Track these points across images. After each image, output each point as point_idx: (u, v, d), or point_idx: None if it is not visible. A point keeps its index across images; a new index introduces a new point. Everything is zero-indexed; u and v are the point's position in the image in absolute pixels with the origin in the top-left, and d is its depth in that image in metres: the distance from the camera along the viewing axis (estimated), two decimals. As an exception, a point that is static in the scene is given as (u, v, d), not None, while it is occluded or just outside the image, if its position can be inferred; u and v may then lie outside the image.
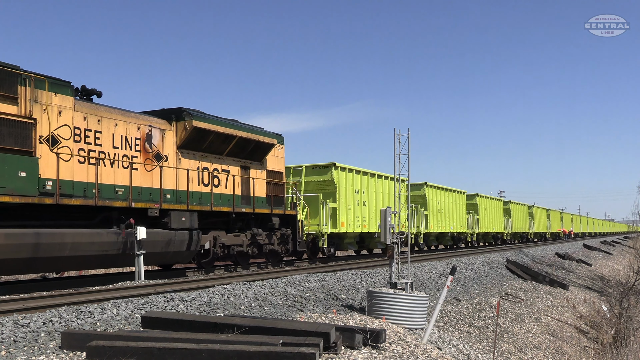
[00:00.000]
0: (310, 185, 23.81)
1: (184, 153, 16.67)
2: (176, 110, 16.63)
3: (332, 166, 23.58)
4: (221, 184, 17.86)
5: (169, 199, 15.88)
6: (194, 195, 16.73)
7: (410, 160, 13.02)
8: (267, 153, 19.83)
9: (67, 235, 12.83)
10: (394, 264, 12.72)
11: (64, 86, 13.41)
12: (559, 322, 20.36)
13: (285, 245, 20.26)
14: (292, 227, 20.52)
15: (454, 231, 36.08)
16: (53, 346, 7.25)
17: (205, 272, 17.55)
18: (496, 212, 45.69)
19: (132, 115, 15.47)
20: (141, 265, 14.37)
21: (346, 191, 24.12)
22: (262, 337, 7.05)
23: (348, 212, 24.11)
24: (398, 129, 13.01)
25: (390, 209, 12.91)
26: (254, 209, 18.76)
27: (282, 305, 11.61)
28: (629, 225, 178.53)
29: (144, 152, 15.46)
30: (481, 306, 17.41)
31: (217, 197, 17.54)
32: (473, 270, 22.80)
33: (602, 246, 61.57)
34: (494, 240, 45.72)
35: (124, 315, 9.06)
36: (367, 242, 27.47)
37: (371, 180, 26.46)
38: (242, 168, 18.84)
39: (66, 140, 13.36)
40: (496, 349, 14.07)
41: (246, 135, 18.47)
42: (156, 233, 15.04)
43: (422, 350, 9.65)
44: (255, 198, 19.02)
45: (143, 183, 15.30)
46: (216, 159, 17.79)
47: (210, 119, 17.19)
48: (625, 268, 39.77)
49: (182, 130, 16.44)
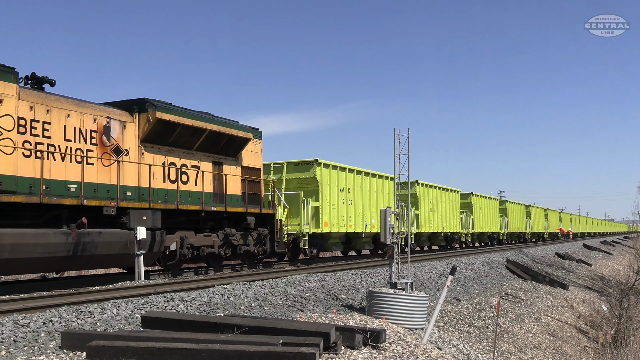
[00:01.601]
0: (293, 182, 22.70)
1: (148, 147, 15.53)
2: (139, 101, 15.41)
3: (315, 163, 22.44)
4: (190, 181, 16.72)
5: (130, 196, 14.85)
6: (159, 192, 15.65)
7: (410, 160, 13.02)
8: (242, 148, 18.70)
9: (6, 236, 11.68)
10: (394, 264, 12.72)
11: (5, 72, 12.27)
12: (559, 322, 20.35)
13: (263, 246, 19.15)
14: (270, 227, 19.42)
15: (447, 231, 35.02)
16: (53, 346, 7.25)
17: (172, 275, 16.50)
18: (492, 211, 44.76)
19: (88, 105, 14.29)
20: (141, 265, 14.37)
21: (330, 189, 23.04)
22: (262, 337, 7.05)
23: (332, 211, 23.05)
24: (398, 129, 13.02)
25: (390, 209, 12.92)
26: (227, 207, 17.57)
27: (282, 305, 11.61)
28: (629, 225, 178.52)
29: (101, 145, 14.30)
30: (481, 306, 17.40)
31: (186, 195, 16.47)
32: (473, 270, 22.79)
33: (602, 246, 61.59)
34: (490, 240, 44.84)
35: (124, 315, 9.06)
36: (354, 243, 26.49)
37: (357, 178, 25.35)
38: (214, 164, 17.75)
39: (8, 132, 12.20)
40: (496, 349, 14.06)
41: (218, 128, 17.26)
42: (112, 233, 13.92)
43: (422, 350, 9.65)
44: (229, 196, 17.93)
45: (100, 179, 14.18)
46: (185, 154, 16.67)
47: (177, 110, 16.09)
48: (625, 268, 39.79)
49: (145, 123, 15.25)
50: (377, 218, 25.80)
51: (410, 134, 12.97)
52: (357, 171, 25.32)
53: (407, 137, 13.01)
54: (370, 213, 25.92)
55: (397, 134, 13.00)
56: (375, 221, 26.02)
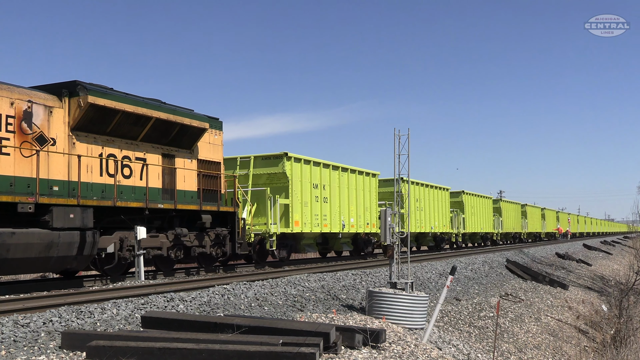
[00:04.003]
0: (262, 178, 20.76)
1: (81, 136, 13.72)
2: (69, 84, 13.60)
3: (284, 156, 20.38)
4: (134, 175, 14.98)
5: (56, 191, 13.06)
6: (95, 187, 13.88)
7: (410, 160, 13.01)
8: (198, 139, 16.95)
9: None
10: (394, 264, 12.73)
11: None
12: (558, 322, 20.36)
13: (222, 248, 17.45)
14: (232, 226, 17.68)
15: (436, 231, 33.12)
16: (53, 346, 7.26)
17: (111, 280, 14.66)
18: (485, 210, 42.71)
19: (4, 87, 12.49)
20: (141, 265, 14.40)
21: (302, 185, 21.05)
22: (262, 337, 7.06)
23: (304, 210, 21.07)
24: (398, 129, 13.02)
25: (390, 209, 12.95)
26: (176, 204, 15.79)
27: (282, 305, 11.62)
28: (629, 225, 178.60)
29: (20, 133, 12.52)
30: (481, 306, 17.41)
31: (129, 190, 14.76)
32: (473, 270, 22.80)
33: (602, 246, 61.60)
34: (483, 240, 42.93)
35: (124, 315, 9.07)
36: (331, 244, 24.30)
37: (334, 174, 23.25)
38: (164, 156, 15.97)
39: None
40: (496, 349, 14.07)
41: (166, 116, 15.53)
42: (29, 234, 12.07)
43: (422, 350, 9.66)
44: (181, 192, 16.23)
45: (18, 172, 12.34)
46: (128, 145, 14.89)
47: (115, 95, 14.31)
48: (625, 268, 39.82)
49: (76, 109, 13.45)
50: (356, 217, 24.45)
51: (410, 134, 12.98)
52: (333, 166, 23.29)
53: (407, 137, 13.03)
54: (348, 212, 24.06)
55: (397, 134, 13.02)
56: (354, 220, 24.36)
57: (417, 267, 19.81)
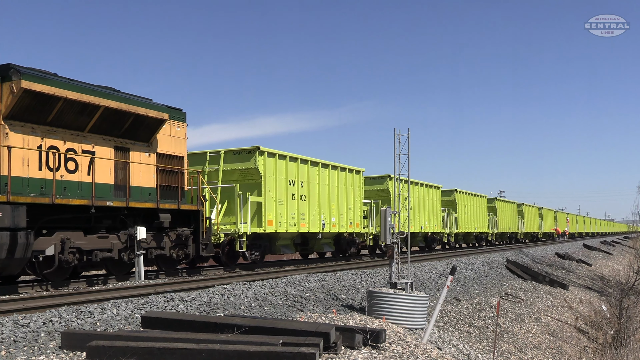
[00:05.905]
0: (234, 174, 19.37)
1: (16, 126, 12.25)
2: (1, 68, 12.13)
3: (257, 151, 19.07)
4: (81, 169, 13.53)
5: None
6: (32, 182, 12.41)
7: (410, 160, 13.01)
8: (156, 131, 15.45)
9: None
10: (394, 264, 12.74)
11: None
12: (558, 322, 20.37)
13: (184, 250, 16.08)
14: (195, 226, 16.38)
15: (426, 231, 31.55)
16: (53, 346, 7.26)
17: (53, 286, 13.21)
18: (479, 210, 41.03)
19: None
20: (141, 265, 14.41)
21: (276, 182, 19.71)
22: (262, 337, 7.06)
23: (279, 208, 19.69)
24: (398, 129, 13.02)
25: (390, 209, 12.97)
26: (129, 202, 14.39)
27: (282, 305, 11.62)
28: (629, 225, 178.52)
29: None
30: (481, 306, 17.42)
31: (74, 186, 13.30)
32: (473, 270, 22.81)
33: (602, 246, 61.63)
34: (477, 241, 41.22)
35: (124, 315, 9.07)
36: (311, 245, 22.70)
37: (313, 170, 21.81)
38: (116, 149, 14.51)
39: None
40: (496, 349, 14.07)
41: (118, 105, 14.04)
42: None
43: (422, 350, 9.66)
44: (136, 188, 14.80)
45: None
46: (73, 137, 13.43)
47: (56, 81, 12.84)
48: (625, 268, 39.81)
49: (8, 95, 11.99)
50: (337, 216, 23.10)
51: (410, 134, 12.98)
52: (312, 162, 21.81)
53: (407, 137, 13.04)
54: (329, 210, 22.63)
55: (397, 134, 13.03)
56: (335, 220, 22.96)
57: (417, 267, 19.81)
